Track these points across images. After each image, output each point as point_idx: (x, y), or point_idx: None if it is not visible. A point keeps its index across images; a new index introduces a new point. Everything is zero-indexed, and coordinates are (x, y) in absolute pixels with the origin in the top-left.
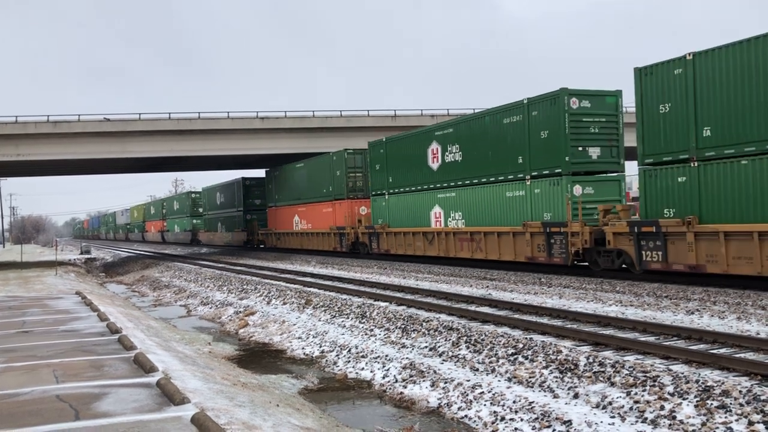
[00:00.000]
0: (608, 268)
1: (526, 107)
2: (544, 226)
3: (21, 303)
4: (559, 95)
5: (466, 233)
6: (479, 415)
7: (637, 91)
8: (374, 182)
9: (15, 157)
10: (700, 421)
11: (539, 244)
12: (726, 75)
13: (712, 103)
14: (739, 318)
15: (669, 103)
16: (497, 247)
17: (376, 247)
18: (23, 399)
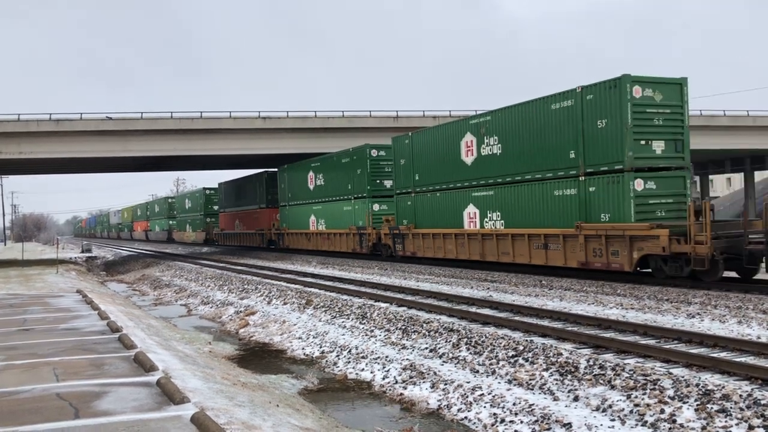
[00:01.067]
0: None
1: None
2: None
3: (22, 301)
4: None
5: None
6: (479, 417)
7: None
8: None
9: (17, 155)
10: (701, 425)
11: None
12: (425, 145)
13: (419, 162)
14: (739, 322)
15: (403, 159)
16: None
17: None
18: (23, 397)
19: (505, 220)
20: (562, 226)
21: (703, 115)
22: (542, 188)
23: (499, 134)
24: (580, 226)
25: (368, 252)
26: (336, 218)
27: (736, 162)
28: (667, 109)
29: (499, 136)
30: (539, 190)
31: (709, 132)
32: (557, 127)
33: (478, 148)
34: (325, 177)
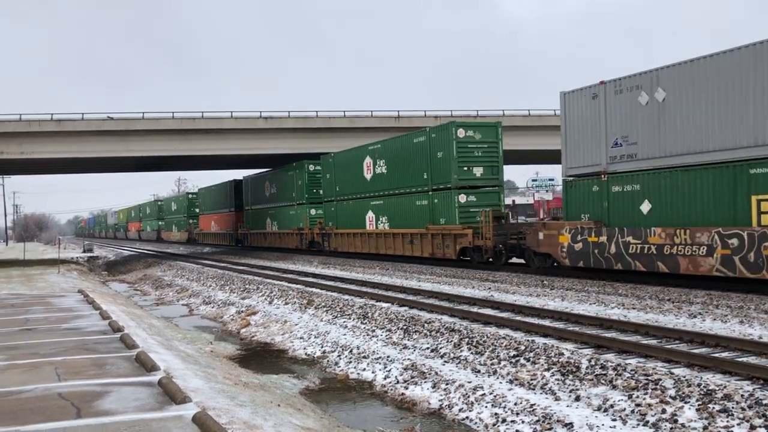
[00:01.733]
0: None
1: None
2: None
3: (24, 301)
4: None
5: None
6: (480, 417)
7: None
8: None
9: (19, 155)
10: (702, 425)
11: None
12: (342, 164)
13: (339, 176)
14: (741, 322)
15: (328, 174)
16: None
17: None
18: (25, 397)
19: (390, 223)
20: (420, 227)
21: None
22: (410, 199)
23: (386, 158)
24: (428, 227)
25: (306, 248)
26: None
27: None
28: (484, 144)
29: (386, 160)
30: (408, 201)
31: None
32: (417, 156)
33: (373, 168)
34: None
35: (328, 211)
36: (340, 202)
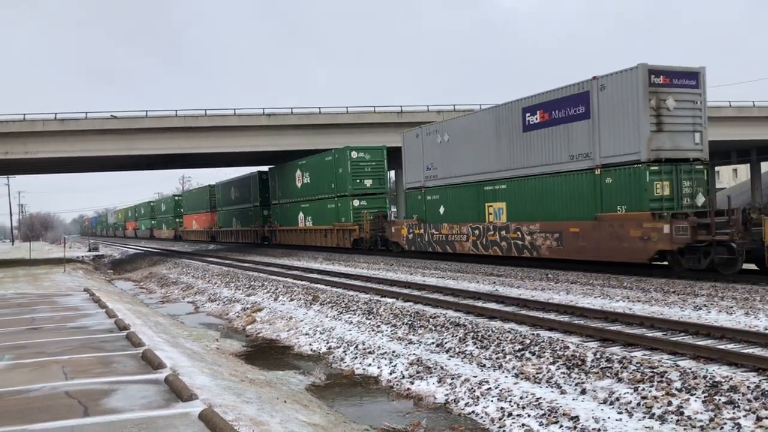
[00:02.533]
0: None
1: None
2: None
3: (30, 300)
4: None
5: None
6: (486, 411)
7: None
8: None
9: (23, 154)
10: (708, 417)
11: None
12: (284, 174)
13: (283, 183)
14: (747, 313)
15: (273, 182)
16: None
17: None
18: (33, 396)
19: (312, 222)
20: (330, 224)
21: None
22: (324, 203)
23: (309, 171)
24: (334, 224)
25: (260, 242)
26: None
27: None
28: (373, 162)
29: (309, 173)
30: (323, 204)
31: (715, 123)
32: (327, 170)
33: (302, 179)
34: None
35: (275, 212)
36: (281, 205)
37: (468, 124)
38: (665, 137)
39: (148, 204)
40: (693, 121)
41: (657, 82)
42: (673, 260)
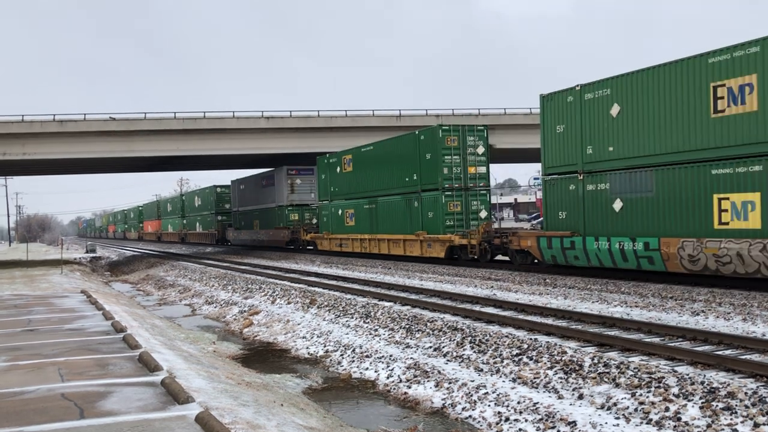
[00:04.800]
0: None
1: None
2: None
3: (26, 301)
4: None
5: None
6: (483, 416)
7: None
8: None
9: (21, 156)
10: (705, 423)
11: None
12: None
13: (238, 196)
14: (744, 319)
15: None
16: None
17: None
18: (28, 397)
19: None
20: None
21: None
22: (266, 212)
23: (246, 185)
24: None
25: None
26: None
27: None
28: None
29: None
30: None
31: None
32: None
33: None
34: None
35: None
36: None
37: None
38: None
39: (122, 212)
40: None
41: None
42: None
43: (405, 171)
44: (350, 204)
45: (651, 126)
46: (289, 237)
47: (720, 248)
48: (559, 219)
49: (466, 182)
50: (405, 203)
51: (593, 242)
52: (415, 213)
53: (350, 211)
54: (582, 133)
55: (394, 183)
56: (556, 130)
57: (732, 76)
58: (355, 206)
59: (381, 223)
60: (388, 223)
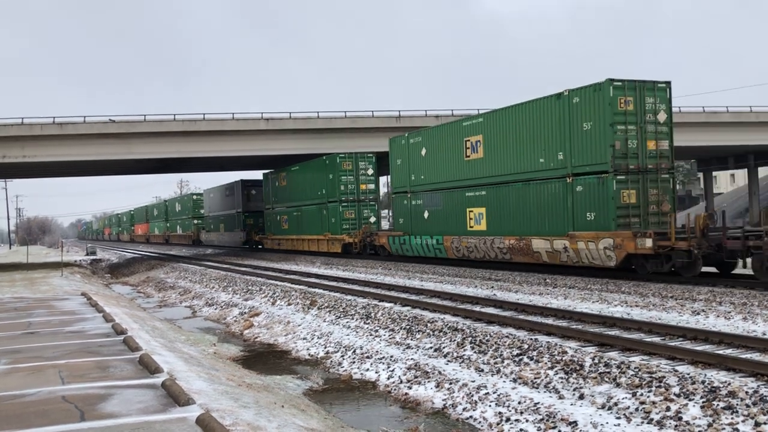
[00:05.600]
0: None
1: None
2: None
3: (27, 304)
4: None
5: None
6: (484, 416)
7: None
8: (205, 209)
9: (21, 158)
10: (707, 422)
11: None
12: (215, 197)
13: (209, 203)
14: (745, 318)
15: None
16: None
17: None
18: (29, 400)
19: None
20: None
21: (705, 112)
22: (229, 217)
23: (215, 194)
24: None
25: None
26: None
27: (739, 158)
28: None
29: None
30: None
31: (712, 128)
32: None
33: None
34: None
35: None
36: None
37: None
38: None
39: (117, 215)
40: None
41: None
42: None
43: (318, 187)
44: (284, 211)
45: (440, 163)
46: (245, 238)
47: (468, 242)
48: (400, 223)
49: (358, 195)
50: (318, 211)
51: (414, 239)
52: (324, 219)
53: (285, 216)
54: (409, 165)
55: (311, 195)
56: (396, 162)
57: (472, 135)
58: (287, 213)
59: (303, 226)
60: (307, 226)
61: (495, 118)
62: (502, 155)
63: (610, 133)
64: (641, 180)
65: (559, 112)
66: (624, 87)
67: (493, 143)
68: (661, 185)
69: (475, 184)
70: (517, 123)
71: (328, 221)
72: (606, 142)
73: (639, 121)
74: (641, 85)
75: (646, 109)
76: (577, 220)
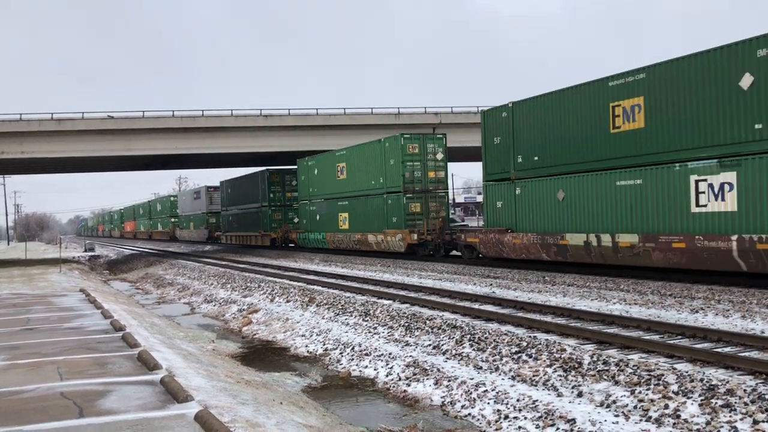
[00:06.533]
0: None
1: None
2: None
3: (25, 300)
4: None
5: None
6: (483, 414)
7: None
8: (179, 210)
9: (19, 154)
10: (705, 420)
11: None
12: (186, 199)
13: (181, 204)
14: (743, 316)
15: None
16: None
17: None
18: (28, 396)
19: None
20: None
21: None
22: (197, 216)
23: (185, 196)
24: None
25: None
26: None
27: None
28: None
29: (185, 197)
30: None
31: None
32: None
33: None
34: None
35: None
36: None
37: (363, 152)
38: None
39: (109, 213)
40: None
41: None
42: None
43: (253, 196)
44: (231, 213)
45: (324, 181)
46: (208, 234)
47: (338, 237)
48: (303, 223)
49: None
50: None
51: (310, 234)
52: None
53: (230, 217)
54: (308, 181)
55: (248, 199)
56: (301, 178)
57: (339, 162)
58: (230, 212)
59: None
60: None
61: (355, 151)
62: (358, 177)
63: (401, 167)
64: (424, 197)
65: (380, 151)
66: (411, 138)
67: (353, 168)
68: (439, 200)
69: (342, 196)
70: (354, 155)
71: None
72: (400, 172)
73: (422, 159)
74: (424, 136)
75: (428, 151)
76: (389, 221)
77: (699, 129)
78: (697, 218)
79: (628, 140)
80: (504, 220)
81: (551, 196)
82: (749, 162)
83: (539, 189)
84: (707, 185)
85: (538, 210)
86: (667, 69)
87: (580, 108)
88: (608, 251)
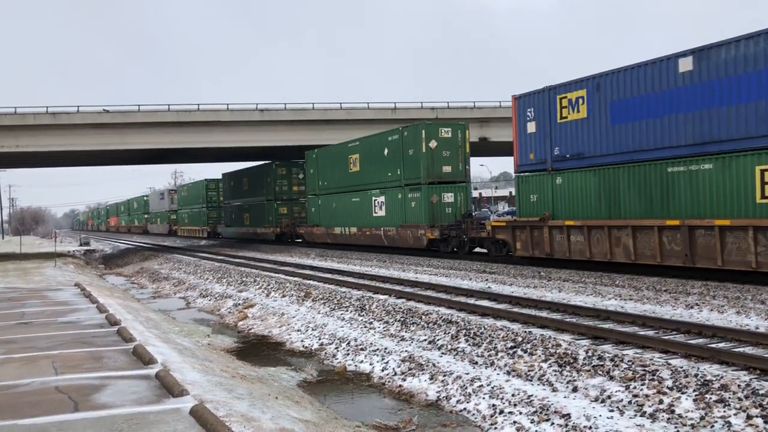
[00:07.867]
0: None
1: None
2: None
3: (20, 294)
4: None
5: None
6: (478, 408)
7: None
8: (150, 207)
9: (14, 148)
10: (699, 415)
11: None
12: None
13: (151, 202)
14: (738, 312)
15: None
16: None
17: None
18: (22, 390)
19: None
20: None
21: None
22: (161, 213)
23: (152, 196)
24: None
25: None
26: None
27: None
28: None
29: (153, 197)
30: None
31: None
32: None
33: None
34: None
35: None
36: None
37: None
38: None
39: (97, 209)
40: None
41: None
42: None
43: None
44: (185, 212)
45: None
46: (169, 229)
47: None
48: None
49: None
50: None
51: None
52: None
53: (184, 215)
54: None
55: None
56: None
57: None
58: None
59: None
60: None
61: (370, 142)
62: (372, 169)
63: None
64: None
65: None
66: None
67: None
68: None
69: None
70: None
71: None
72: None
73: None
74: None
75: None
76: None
77: (378, 172)
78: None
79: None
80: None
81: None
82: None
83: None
84: None
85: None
86: (368, 140)
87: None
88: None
